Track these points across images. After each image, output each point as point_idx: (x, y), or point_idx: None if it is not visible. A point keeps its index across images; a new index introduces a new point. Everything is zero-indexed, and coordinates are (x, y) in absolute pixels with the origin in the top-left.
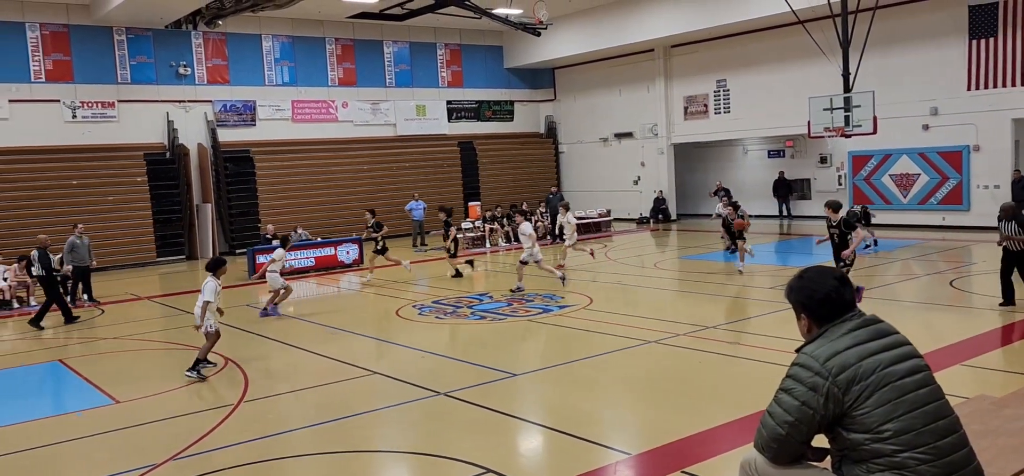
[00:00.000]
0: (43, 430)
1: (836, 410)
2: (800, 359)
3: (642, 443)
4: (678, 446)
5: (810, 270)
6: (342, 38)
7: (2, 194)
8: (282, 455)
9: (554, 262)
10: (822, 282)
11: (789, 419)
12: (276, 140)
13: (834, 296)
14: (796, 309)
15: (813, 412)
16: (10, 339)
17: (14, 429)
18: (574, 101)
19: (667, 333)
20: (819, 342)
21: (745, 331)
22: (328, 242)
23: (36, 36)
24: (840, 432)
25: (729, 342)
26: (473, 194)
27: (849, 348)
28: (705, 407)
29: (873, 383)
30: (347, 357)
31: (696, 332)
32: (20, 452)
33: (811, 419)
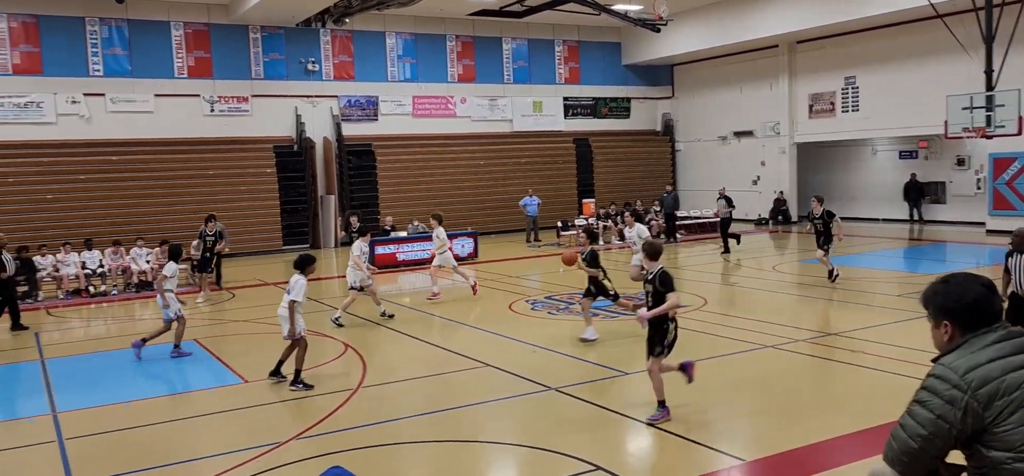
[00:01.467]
0: (180, 404)
1: (975, 425)
2: (937, 370)
3: (757, 449)
4: (796, 455)
5: (957, 275)
6: (462, 35)
7: (146, 182)
8: (396, 440)
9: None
10: (970, 287)
11: (923, 432)
12: (397, 135)
13: (983, 302)
14: (937, 315)
15: (949, 426)
16: (152, 318)
17: (155, 402)
18: (693, 98)
19: (785, 338)
20: (958, 353)
21: (869, 339)
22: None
23: (180, 35)
24: (979, 449)
25: (852, 350)
26: (587, 191)
27: (991, 361)
28: (825, 416)
29: (1017, 399)
30: (460, 348)
31: (816, 338)
32: (160, 424)
33: (947, 434)
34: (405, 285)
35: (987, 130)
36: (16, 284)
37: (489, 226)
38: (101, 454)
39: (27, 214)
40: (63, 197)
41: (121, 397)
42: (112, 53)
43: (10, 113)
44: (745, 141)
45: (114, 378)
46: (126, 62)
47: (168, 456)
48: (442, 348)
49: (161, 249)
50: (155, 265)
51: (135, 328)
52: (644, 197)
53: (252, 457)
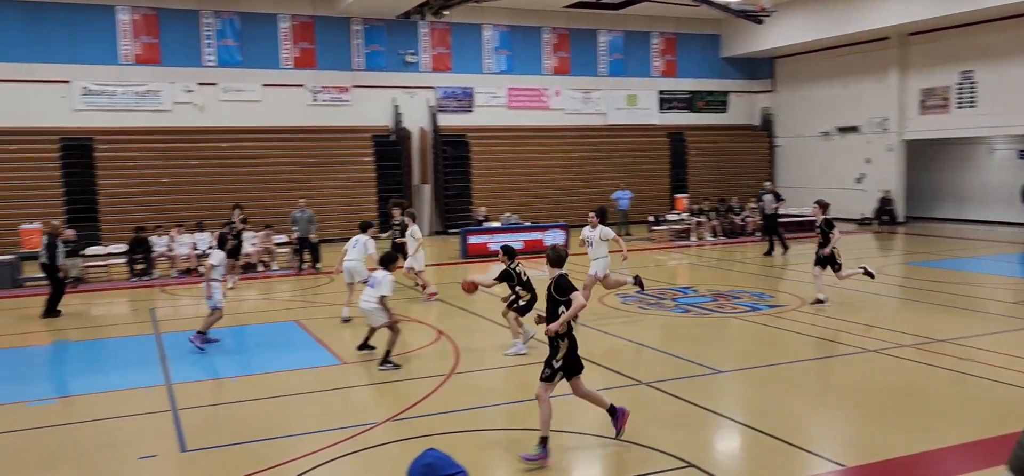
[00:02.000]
0: (283, 381)
1: None
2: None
3: (858, 456)
4: (901, 463)
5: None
6: (558, 27)
7: (253, 169)
8: (485, 427)
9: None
10: None
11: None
12: (491, 126)
13: None
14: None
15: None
16: (254, 299)
17: (259, 378)
18: (794, 92)
19: (889, 343)
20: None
21: (980, 347)
22: (536, 227)
23: (287, 27)
24: None
25: (961, 357)
26: (680, 187)
27: None
28: (932, 425)
29: None
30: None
31: (923, 344)
32: (262, 399)
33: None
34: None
35: None
36: (58, 270)
37: (580, 219)
38: (210, 425)
39: (144, 196)
40: (177, 181)
41: (228, 372)
42: (224, 44)
43: (131, 100)
44: (849, 137)
45: (222, 354)
46: (237, 53)
47: (269, 430)
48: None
49: (266, 233)
50: (259, 247)
51: (239, 307)
52: (740, 193)
53: (348, 436)
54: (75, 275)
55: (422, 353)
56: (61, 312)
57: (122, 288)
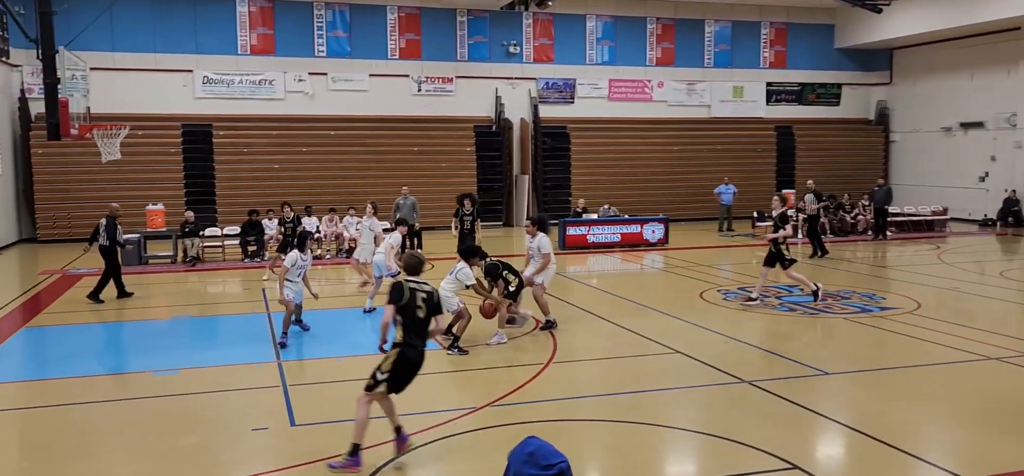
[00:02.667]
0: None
1: None
2: None
3: (977, 468)
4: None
5: None
6: (663, 18)
7: (358, 156)
8: (583, 417)
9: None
10: None
11: None
12: (591, 117)
13: None
14: None
15: None
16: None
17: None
18: (913, 85)
19: (1012, 351)
20: None
21: None
22: (635, 220)
23: (394, 18)
24: None
25: None
26: (787, 182)
27: None
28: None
29: None
30: (649, 333)
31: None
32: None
33: None
34: (594, 267)
35: None
36: (115, 254)
37: (681, 213)
38: (318, 402)
39: (257, 181)
40: (287, 167)
41: (333, 352)
42: (335, 35)
43: (247, 89)
44: (973, 133)
45: (327, 333)
46: (346, 44)
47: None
48: (631, 331)
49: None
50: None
51: (344, 290)
52: (851, 190)
53: (451, 418)
54: (193, 255)
55: (521, 342)
56: (131, 293)
57: (236, 268)
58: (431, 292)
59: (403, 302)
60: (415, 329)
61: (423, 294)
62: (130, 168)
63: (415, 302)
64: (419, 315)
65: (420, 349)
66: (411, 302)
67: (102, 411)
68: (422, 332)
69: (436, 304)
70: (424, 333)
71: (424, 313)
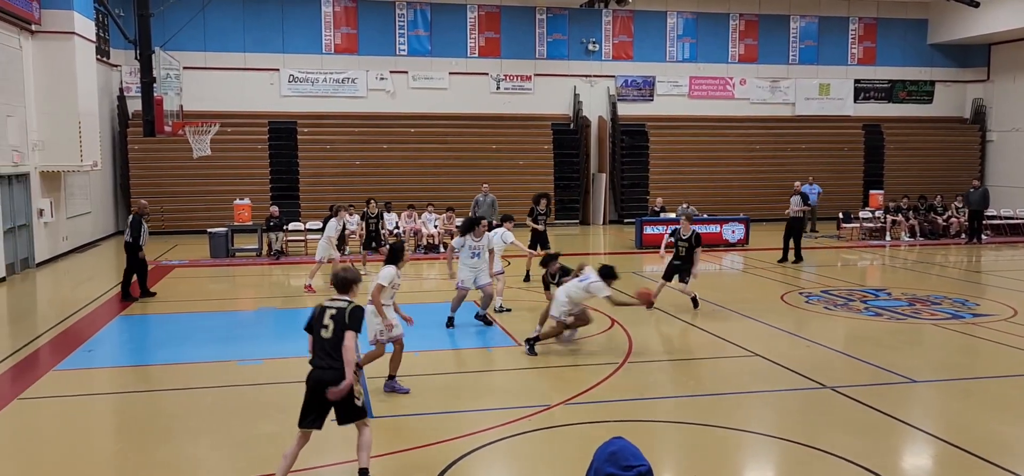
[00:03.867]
0: (463, 358)
1: None
2: None
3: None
4: None
5: None
6: (746, 14)
7: (438, 152)
8: (658, 418)
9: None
10: None
11: None
12: (671, 115)
13: None
14: None
15: None
16: (436, 278)
17: (441, 354)
18: (1012, 82)
19: None
20: None
21: None
22: (714, 219)
23: (474, 16)
24: None
25: None
26: (875, 182)
27: None
28: None
29: None
30: (728, 335)
31: None
32: (444, 374)
33: None
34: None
35: None
36: (140, 249)
37: (763, 213)
38: (394, 395)
39: (340, 177)
40: (369, 163)
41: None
42: (416, 34)
43: (330, 87)
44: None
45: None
46: (427, 42)
47: (447, 404)
48: (709, 333)
49: (448, 215)
50: (441, 229)
51: (422, 286)
52: (945, 191)
53: (524, 416)
54: (277, 248)
55: (595, 341)
56: (154, 293)
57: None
58: (341, 310)
59: (310, 322)
60: (321, 348)
61: (332, 311)
62: (219, 164)
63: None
64: (324, 334)
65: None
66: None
67: (189, 398)
68: (330, 352)
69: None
70: (334, 353)
71: (330, 333)
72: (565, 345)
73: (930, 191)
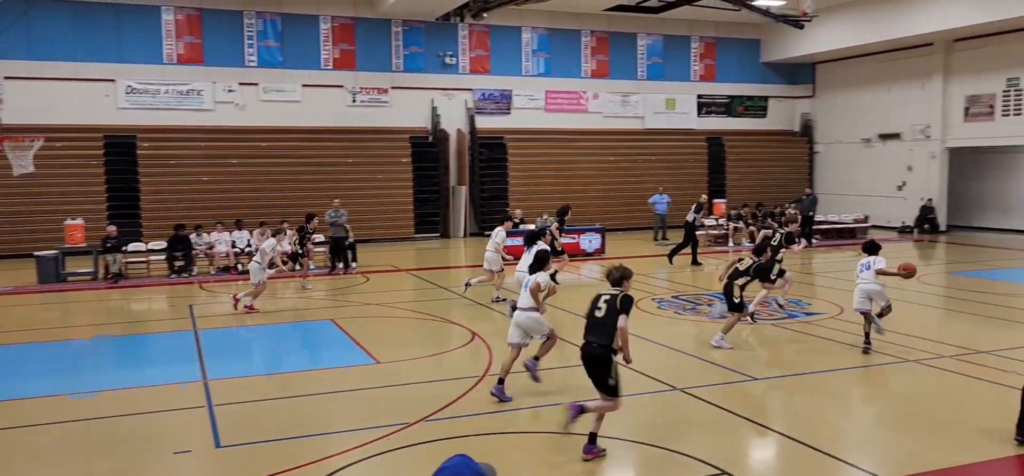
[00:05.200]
0: (317, 380)
1: None
2: None
3: (895, 467)
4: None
5: None
6: (597, 31)
7: (291, 168)
8: (518, 429)
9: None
10: None
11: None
12: (528, 128)
13: None
14: None
15: None
16: (291, 297)
17: (294, 376)
18: (835, 98)
19: (930, 353)
20: None
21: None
22: (572, 229)
23: (328, 27)
24: None
25: (1004, 370)
26: (718, 191)
27: None
28: (973, 439)
29: None
30: None
31: (964, 355)
32: (299, 397)
33: None
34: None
35: None
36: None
37: (617, 223)
38: (245, 422)
39: (185, 194)
40: (217, 179)
41: (264, 369)
42: (266, 45)
43: (173, 99)
44: (891, 144)
45: (258, 350)
46: (278, 53)
47: (303, 428)
48: (568, 342)
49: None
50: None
51: (276, 305)
52: (779, 200)
53: (381, 435)
54: (115, 271)
55: (456, 354)
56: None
57: (162, 284)
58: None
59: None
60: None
61: (606, 297)
62: (48, 181)
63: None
64: (597, 315)
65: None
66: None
67: (16, 438)
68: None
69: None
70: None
71: (602, 314)
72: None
73: (766, 199)
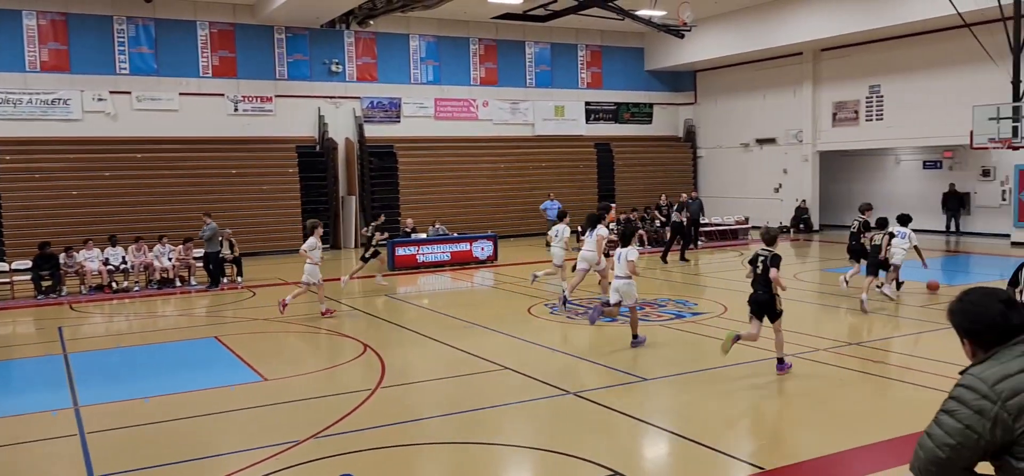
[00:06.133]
0: (200, 401)
1: (1004, 437)
2: (966, 380)
3: (777, 458)
4: (816, 465)
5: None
6: (485, 38)
7: (170, 180)
8: (414, 442)
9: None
10: (986, 306)
11: (951, 442)
12: (418, 137)
13: (999, 321)
14: (958, 333)
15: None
16: (172, 315)
17: (175, 398)
18: (715, 105)
19: (806, 347)
20: (988, 364)
21: (892, 351)
22: (464, 237)
23: (205, 34)
24: (1008, 461)
25: (874, 361)
26: (608, 196)
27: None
28: (847, 426)
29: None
30: (479, 351)
31: (837, 348)
32: (180, 419)
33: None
34: (425, 287)
35: (1013, 141)
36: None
37: (509, 229)
38: (121, 448)
39: (52, 209)
40: (88, 193)
41: (141, 392)
42: (138, 51)
43: (37, 109)
44: (767, 148)
45: (135, 373)
46: (152, 60)
47: (186, 452)
48: (460, 350)
49: (184, 247)
50: (176, 262)
51: (156, 324)
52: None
53: (269, 455)
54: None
55: (347, 368)
56: None
57: (28, 306)
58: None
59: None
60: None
61: (764, 256)
62: None
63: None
64: (757, 270)
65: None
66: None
67: None
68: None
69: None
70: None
71: (760, 270)
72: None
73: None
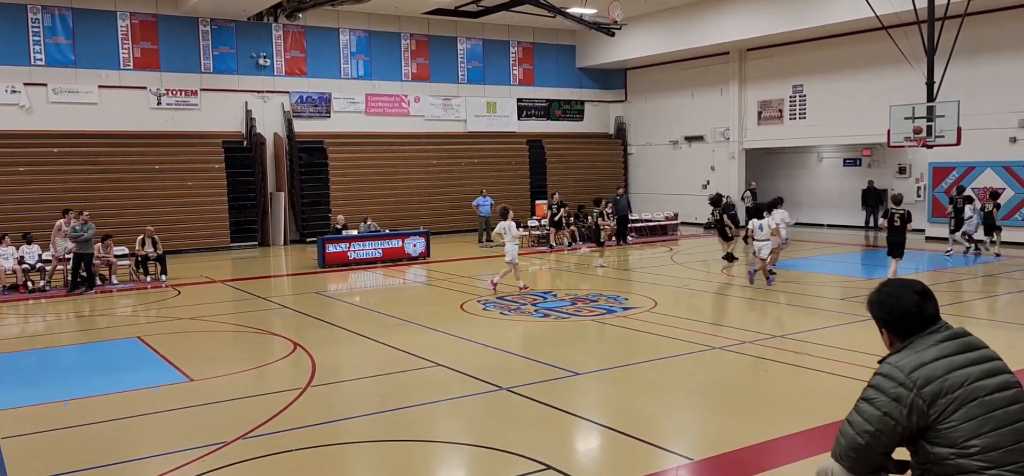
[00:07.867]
0: (122, 403)
1: (920, 423)
2: (883, 369)
3: (706, 448)
4: (743, 453)
5: (890, 284)
6: (417, 34)
7: (89, 176)
8: (345, 440)
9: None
10: (901, 296)
11: (870, 429)
12: (349, 132)
13: (915, 311)
14: (877, 323)
15: (895, 423)
16: (93, 315)
17: (95, 401)
18: (645, 103)
19: (733, 339)
20: (904, 353)
21: (815, 342)
22: (396, 234)
23: (126, 25)
24: (923, 446)
25: (797, 352)
26: (540, 193)
27: (936, 360)
28: (772, 416)
29: (960, 397)
30: (411, 348)
31: (763, 340)
32: (101, 423)
33: (893, 430)
34: (356, 284)
35: (927, 140)
36: None
37: (441, 226)
38: (38, 454)
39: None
40: (2, 189)
41: (60, 395)
42: (55, 42)
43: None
44: (696, 146)
45: (53, 376)
46: (69, 52)
47: (109, 456)
48: (393, 348)
49: (103, 244)
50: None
51: (75, 324)
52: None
53: (196, 457)
54: None
55: (277, 366)
56: None
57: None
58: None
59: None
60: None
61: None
62: None
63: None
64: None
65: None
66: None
67: None
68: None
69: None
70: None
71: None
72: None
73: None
